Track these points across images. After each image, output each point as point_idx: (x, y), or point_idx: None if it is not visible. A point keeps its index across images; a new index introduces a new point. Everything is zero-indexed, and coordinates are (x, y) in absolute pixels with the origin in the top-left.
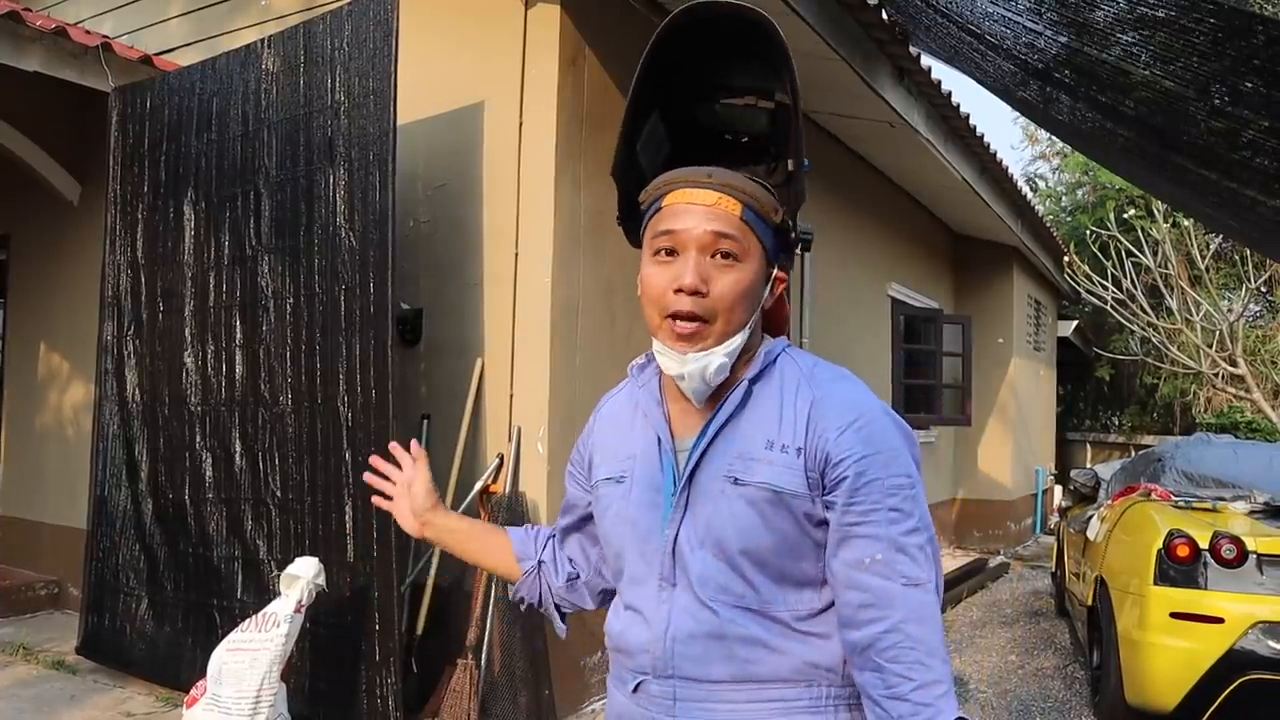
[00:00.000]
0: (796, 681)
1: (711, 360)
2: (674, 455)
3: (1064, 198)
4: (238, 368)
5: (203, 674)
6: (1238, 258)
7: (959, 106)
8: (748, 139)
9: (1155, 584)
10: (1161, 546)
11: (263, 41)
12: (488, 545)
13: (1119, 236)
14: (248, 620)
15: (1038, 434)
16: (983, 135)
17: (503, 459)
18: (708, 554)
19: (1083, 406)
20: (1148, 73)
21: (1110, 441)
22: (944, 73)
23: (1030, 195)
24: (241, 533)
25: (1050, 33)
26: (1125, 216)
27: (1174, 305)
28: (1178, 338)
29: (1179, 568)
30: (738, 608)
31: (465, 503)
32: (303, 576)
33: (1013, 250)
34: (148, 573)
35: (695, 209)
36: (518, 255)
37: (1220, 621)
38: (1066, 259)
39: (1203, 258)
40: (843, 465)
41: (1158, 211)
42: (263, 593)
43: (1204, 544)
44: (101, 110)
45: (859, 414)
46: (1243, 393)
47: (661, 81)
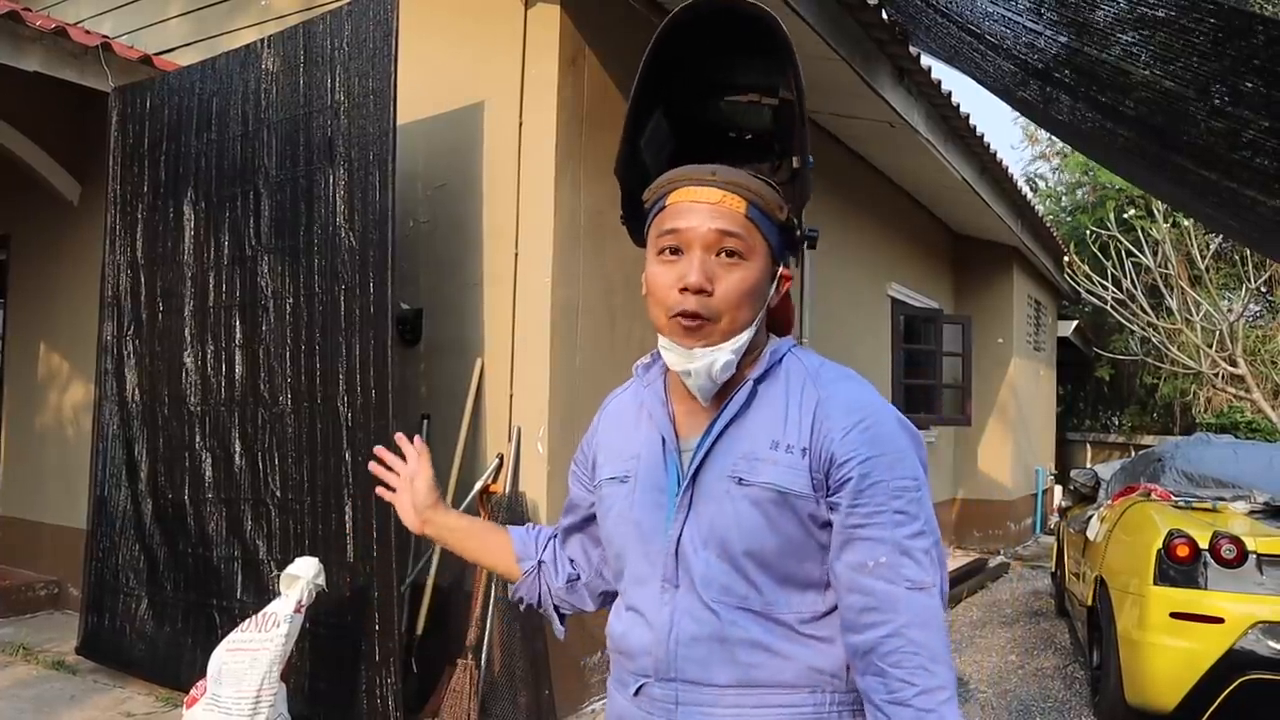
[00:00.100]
0: (800, 687)
1: (718, 356)
2: (678, 455)
3: (1064, 198)
4: (237, 368)
5: (203, 674)
6: (1238, 258)
7: (959, 106)
8: (752, 136)
9: (1155, 584)
10: (1161, 546)
11: (263, 41)
12: (488, 544)
13: (1119, 236)
14: (248, 620)
15: (1038, 434)
16: (983, 135)
17: (502, 459)
18: (711, 555)
19: (1083, 406)
20: (1148, 73)
21: (1110, 441)
22: (944, 73)
23: (1030, 195)
24: (241, 533)
25: (1050, 33)
26: (1125, 216)
27: (1174, 305)
28: (1178, 338)
29: (1179, 568)
30: (740, 609)
31: (465, 503)
32: (302, 576)
33: (1013, 250)
34: (148, 573)
35: (700, 207)
36: (517, 255)
37: (1220, 621)
38: (1066, 259)
39: (1203, 258)
40: (847, 466)
41: (1158, 211)
42: (262, 593)
43: (1204, 544)
44: (101, 110)
45: (865, 415)
46: (1243, 393)
47: (664, 79)
